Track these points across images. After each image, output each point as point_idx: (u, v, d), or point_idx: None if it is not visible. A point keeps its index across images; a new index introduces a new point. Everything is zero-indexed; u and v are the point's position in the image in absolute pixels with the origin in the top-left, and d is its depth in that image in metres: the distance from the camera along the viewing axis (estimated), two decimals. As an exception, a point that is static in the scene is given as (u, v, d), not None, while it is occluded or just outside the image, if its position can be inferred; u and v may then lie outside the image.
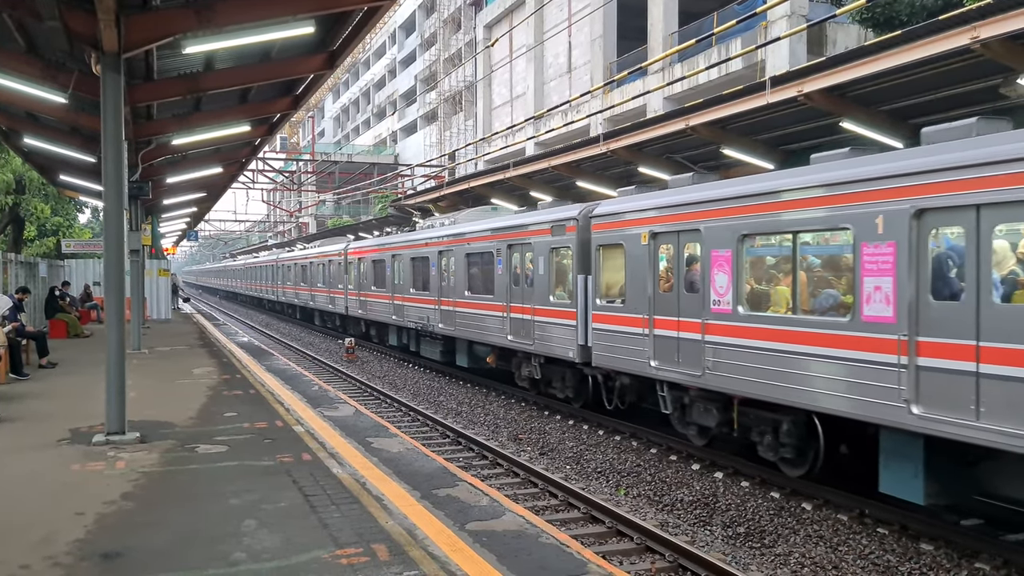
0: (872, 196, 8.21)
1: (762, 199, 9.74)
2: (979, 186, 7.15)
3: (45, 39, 9.87)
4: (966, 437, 7.15)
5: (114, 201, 8.83)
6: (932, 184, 7.62)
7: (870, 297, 8.16)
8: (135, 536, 5.54)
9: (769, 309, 9.84)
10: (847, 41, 22.09)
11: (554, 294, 14.60)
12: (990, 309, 7.02)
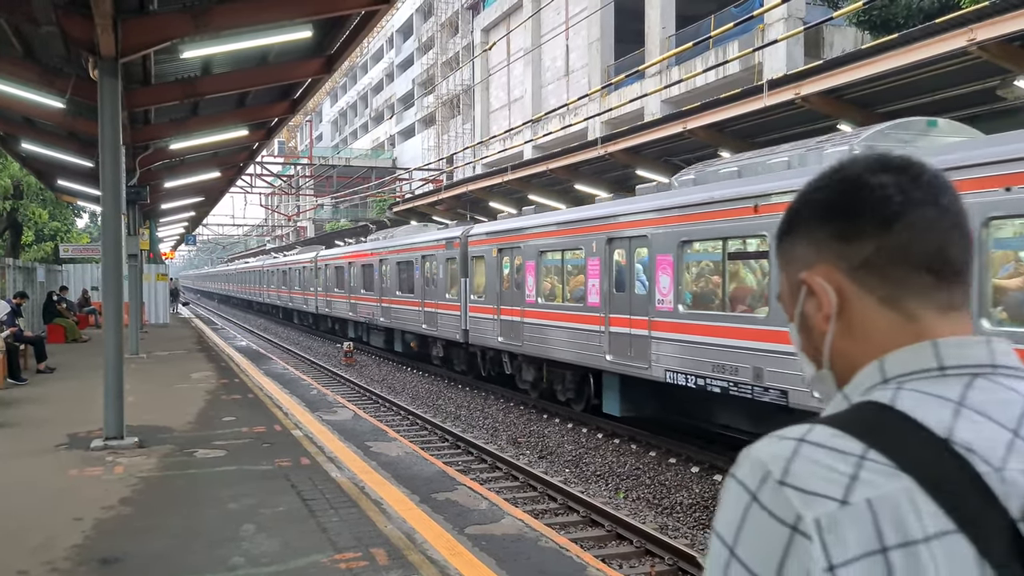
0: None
1: (551, 227, 14.82)
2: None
3: (42, 44, 9.88)
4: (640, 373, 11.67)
5: (112, 206, 8.83)
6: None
7: (590, 291, 13.20)
8: (133, 541, 5.53)
9: (555, 300, 14.59)
10: (844, 44, 22.13)
11: (449, 292, 19.02)
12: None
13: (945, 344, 0.90)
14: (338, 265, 29.54)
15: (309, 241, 49.91)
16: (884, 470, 0.81)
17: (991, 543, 0.78)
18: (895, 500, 0.79)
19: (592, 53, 33.36)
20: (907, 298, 0.93)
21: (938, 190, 0.94)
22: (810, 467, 0.82)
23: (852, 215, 0.94)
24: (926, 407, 0.85)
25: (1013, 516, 0.78)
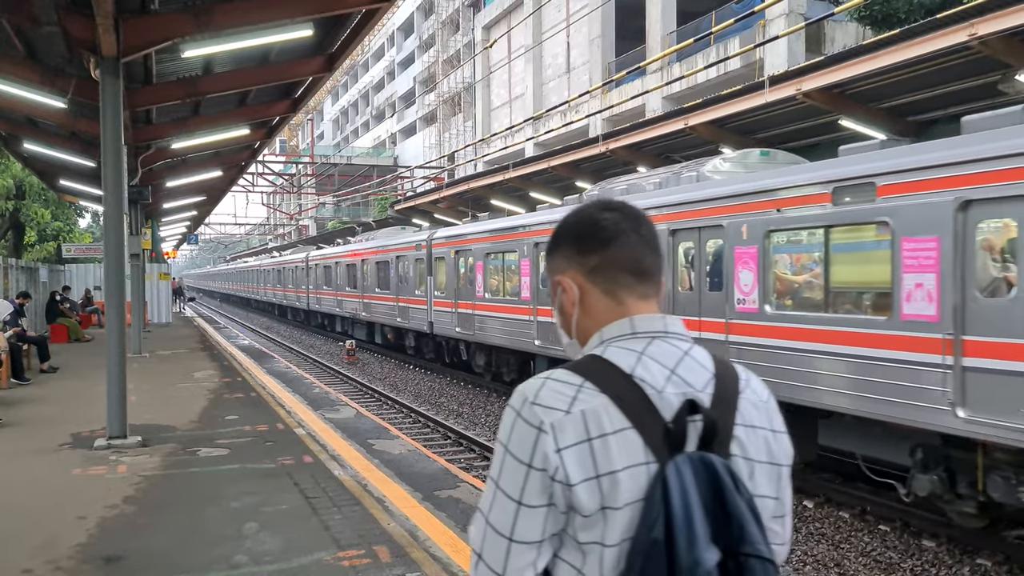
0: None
1: (494, 233, 17.06)
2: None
3: (44, 44, 9.89)
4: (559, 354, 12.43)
5: (114, 206, 8.84)
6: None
7: (523, 287, 15.18)
8: (137, 539, 5.55)
9: (499, 295, 16.64)
10: (845, 39, 22.09)
11: (418, 289, 21.33)
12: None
13: (638, 319, 1.42)
14: (326, 265, 32.22)
15: (301, 242, 53.15)
16: (592, 393, 1.31)
17: (651, 435, 1.29)
18: (596, 410, 1.30)
19: (593, 50, 33.33)
20: (618, 291, 1.45)
21: (639, 222, 1.47)
22: (549, 393, 1.32)
23: (587, 239, 1.45)
24: (621, 356, 1.37)
25: (665, 419, 1.30)
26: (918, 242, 7.53)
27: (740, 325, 9.77)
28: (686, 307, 10.76)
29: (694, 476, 1.25)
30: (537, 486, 1.28)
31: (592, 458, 1.27)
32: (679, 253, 11.14)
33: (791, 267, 9.34)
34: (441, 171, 41.56)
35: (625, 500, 1.26)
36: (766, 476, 1.40)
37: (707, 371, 1.39)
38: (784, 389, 8.78)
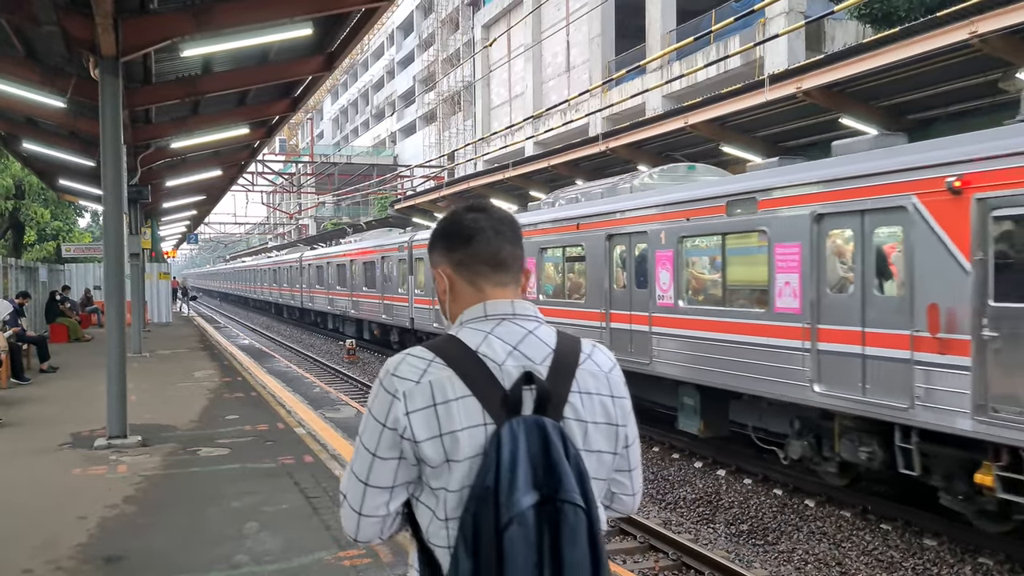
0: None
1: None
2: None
3: (43, 44, 9.88)
4: None
5: (113, 205, 8.83)
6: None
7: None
8: (137, 539, 5.54)
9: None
10: (845, 37, 22.06)
11: (401, 288, 22.73)
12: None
13: (490, 304, 1.67)
14: (318, 265, 33.74)
15: (293, 244, 55.58)
16: (440, 367, 1.57)
17: (490, 401, 1.54)
18: (442, 381, 1.55)
19: (593, 49, 33.30)
20: (478, 280, 1.70)
21: (498, 222, 1.71)
22: (406, 366, 1.59)
23: (453, 237, 1.72)
24: (470, 335, 1.62)
25: (504, 388, 1.55)
26: (786, 247, 9.02)
27: (661, 318, 11.20)
28: (620, 302, 12.18)
29: (526, 435, 1.50)
30: (388, 442, 1.58)
31: (436, 420, 1.55)
32: (614, 256, 12.51)
33: (699, 268, 10.98)
34: (441, 170, 41.55)
35: (465, 455, 1.53)
36: (603, 435, 1.65)
37: (547, 347, 1.64)
38: (696, 373, 10.47)
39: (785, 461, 9.71)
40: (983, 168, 6.97)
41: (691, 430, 10.90)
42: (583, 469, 1.53)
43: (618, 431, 1.68)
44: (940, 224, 7.29)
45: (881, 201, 7.91)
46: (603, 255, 12.54)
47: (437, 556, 1.56)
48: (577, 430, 1.60)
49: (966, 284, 7.01)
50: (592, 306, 12.82)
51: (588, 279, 13.08)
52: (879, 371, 7.87)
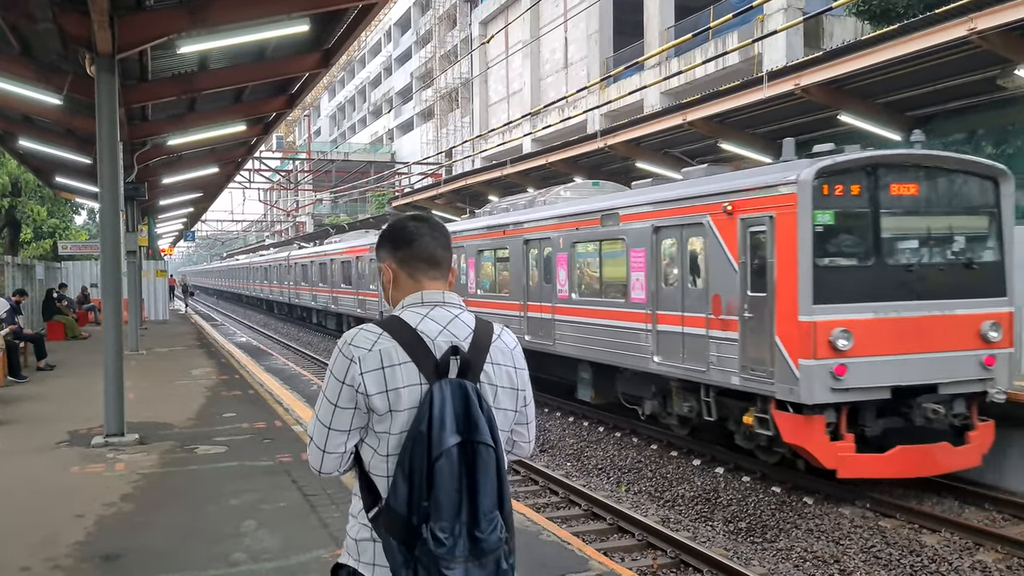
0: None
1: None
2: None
3: (39, 41, 9.84)
4: None
5: (110, 203, 8.81)
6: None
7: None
8: (135, 537, 5.53)
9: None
10: (844, 34, 22.03)
11: (373, 284, 24.83)
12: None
13: (427, 293, 2.15)
14: (303, 263, 36.28)
15: (280, 243, 59.55)
16: (387, 339, 2.02)
17: (424, 366, 1.99)
18: (388, 350, 2.01)
19: (591, 45, 33.25)
20: (417, 274, 2.17)
21: (434, 229, 2.20)
22: (361, 337, 2.04)
23: (398, 240, 2.19)
24: (411, 317, 2.09)
25: (436, 357, 2.00)
26: (637, 252, 11.57)
27: (560, 308, 13.74)
28: (534, 295, 14.65)
29: (451, 393, 1.98)
30: (347, 395, 2.04)
31: (384, 379, 2.01)
32: (530, 257, 14.83)
33: (585, 267, 13.37)
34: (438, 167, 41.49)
35: (405, 406, 2.01)
36: (508, 396, 2.17)
37: (469, 328, 2.13)
38: (586, 352, 13.03)
39: (643, 417, 12.30)
40: (743, 197, 9.53)
41: (586, 398, 13.65)
42: (493, 420, 2.02)
43: (518, 393, 2.22)
44: (722, 236, 9.79)
45: (691, 218, 10.43)
46: (522, 257, 15.09)
47: (376, 483, 2.06)
48: (489, 391, 2.11)
49: (735, 280, 9.55)
50: (514, 299, 15.38)
51: (511, 276, 15.59)
52: (691, 344, 10.40)
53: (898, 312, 8.87)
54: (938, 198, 9.42)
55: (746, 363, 9.34)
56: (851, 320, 8.64)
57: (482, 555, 1.97)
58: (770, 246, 9.04)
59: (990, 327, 9.14)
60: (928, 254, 9.36)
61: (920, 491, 9.26)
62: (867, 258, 9.06)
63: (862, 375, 8.62)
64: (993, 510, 8.89)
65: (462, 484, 1.95)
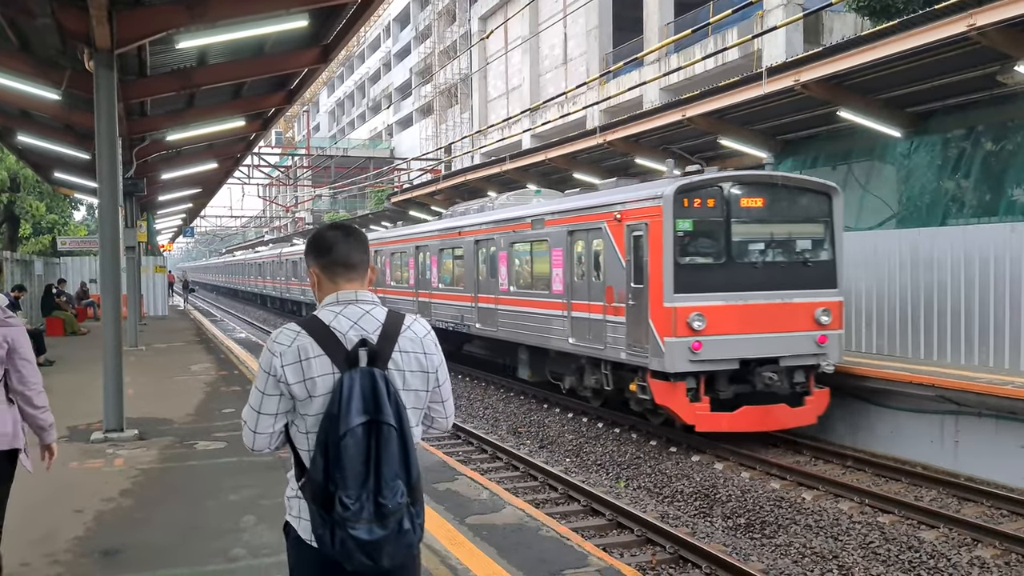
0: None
1: (397, 238, 23.84)
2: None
3: (38, 36, 9.82)
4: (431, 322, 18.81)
5: (109, 198, 8.80)
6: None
7: (410, 277, 21.81)
8: (134, 533, 5.53)
9: (400, 283, 22.85)
10: (844, 30, 22.01)
11: None
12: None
13: (341, 293, 2.44)
14: (293, 260, 38.43)
15: (266, 241, 63.96)
16: (304, 335, 2.35)
17: (336, 358, 2.32)
18: (305, 345, 2.33)
19: (590, 41, 33.21)
20: (335, 277, 2.45)
21: (349, 237, 2.48)
22: (282, 335, 2.38)
23: (319, 248, 2.47)
24: (326, 315, 2.40)
25: (347, 349, 2.31)
26: (557, 251, 13.72)
27: (503, 299, 15.90)
28: (484, 288, 16.84)
29: (359, 380, 2.28)
30: (272, 385, 2.38)
31: (301, 370, 2.34)
32: (479, 255, 17.07)
33: (520, 264, 15.65)
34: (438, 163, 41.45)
35: (320, 392, 2.33)
36: (418, 379, 2.47)
37: (378, 322, 2.44)
38: (523, 337, 15.15)
39: (564, 391, 14.44)
40: (628, 207, 11.72)
41: (524, 377, 15.96)
42: (399, 402, 2.32)
43: (429, 376, 2.51)
44: (614, 239, 11.95)
45: (594, 224, 12.57)
46: (473, 255, 17.28)
47: (302, 456, 2.41)
48: (397, 377, 2.40)
49: (623, 274, 11.75)
50: (468, 291, 17.58)
51: (465, 272, 17.82)
52: (594, 328, 12.51)
53: (745, 300, 11.00)
54: (781, 210, 11.44)
55: (630, 341, 11.51)
56: (705, 306, 10.81)
57: (384, 517, 2.27)
58: (646, 247, 11.18)
59: (822, 313, 11.22)
60: (772, 254, 11.45)
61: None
62: (720, 257, 11.15)
63: (714, 350, 10.81)
64: (992, 506, 8.91)
65: (368, 457, 2.26)
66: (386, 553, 2.29)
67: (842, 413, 11.92)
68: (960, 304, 12.08)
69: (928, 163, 13.62)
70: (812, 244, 11.60)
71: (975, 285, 11.92)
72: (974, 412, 10.39)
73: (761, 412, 10.92)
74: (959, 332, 12.06)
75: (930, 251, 12.56)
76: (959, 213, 13.12)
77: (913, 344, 12.85)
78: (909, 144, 13.90)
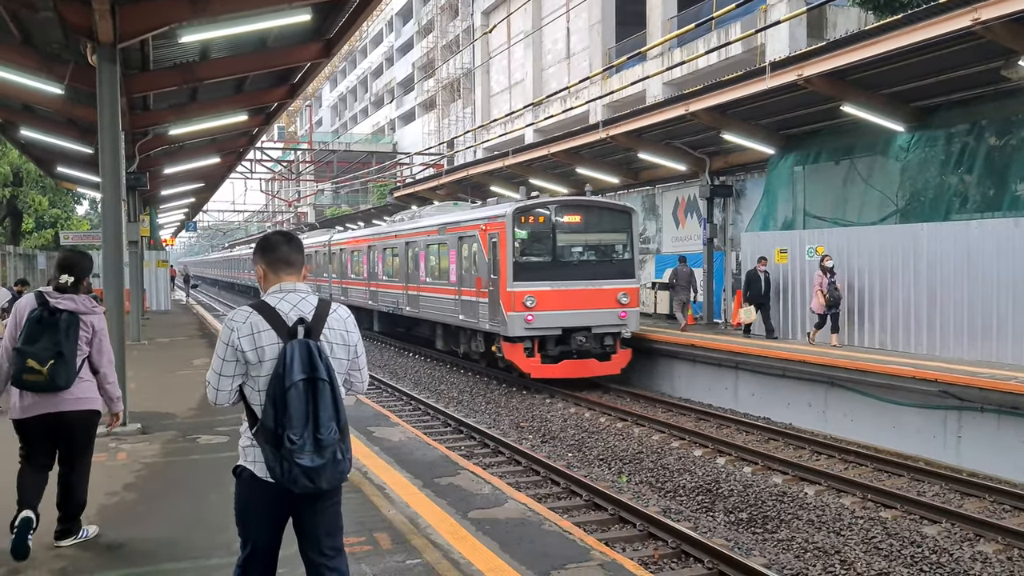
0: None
1: (354, 238, 28.99)
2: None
3: (41, 30, 9.81)
4: (382, 308, 24.43)
5: (112, 192, 8.80)
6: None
7: (364, 272, 26.87)
8: (138, 526, 5.55)
9: (357, 276, 27.72)
10: (847, 24, 21.95)
11: (326, 273, 31.75)
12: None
13: (283, 283, 3.26)
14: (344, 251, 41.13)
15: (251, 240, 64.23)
16: (255, 314, 3.15)
17: (281, 332, 3.11)
18: (255, 321, 3.13)
19: (593, 35, 33.14)
20: (278, 272, 3.28)
21: (290, 241, 3.36)
22: (239, 314, 3.18)
23: (266, 248, 3.32)
24: (271, 299, 3.21)
25: (288, 326, 3.11)
26: (453, 251, 18.00)
27: (422, 287, 20.43)
28: (412, 279, 21.17)
29: (298, 348, 3.01)
30: (230, 352, 3.10)
31: (253, 340, 3.07)
32: (408, 254, 21.59)
33: (432, 260, 19.90)
34: (440, 158, 41.43)
35: (269, 358, 3.06)
36: (342, 350, 3.26)
37: (312, 306, 3.19)
38: (436, 314, 19.47)
39: (460, 355, 18.97)
40: (489, 221, 16.21)
41: (439, 347, 20.22)
42: (329, 364, 3.09)
43: (350, 348, 3.33)
44: (482, 243, 16.31)
45: (471, 232, 17.00)
46: (404, 253, 21.96)
47: (255, 409, 3.12)
48: (326, 346, 3.16)
49: (487, 268, 16.09)
50: (401, 282, 22.15)
51: (400, 266, 22.37)
52: (473, 307, 16.85)
53: (565, 287, 15.62)
54: (592, 223, 16.34)
55: (491, 316, 16.01)
56: (536, 290, 15.35)
57: (322, 449, 3.00)
58: (499, 250, 15.61)
59: (623, 296, 15.85)
60: (586, 254, 16.28)
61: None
62: (547, 256, 15.93)
63: (542, 321, 15.34)
64: (994, 501, 8.91)
65: (308, 405, 3.00)
66: (324, 478, 3.03)
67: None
68: (963, 299, 12.08)
69: (931, 158, 13.59)
70: (615, 247, 16.41)
71: (978, 280, 11.91)
72: (976, 407, 10.40)
73: (578, 365, 15.55)
74: (962, 327, 12.07)
75: (933, 246, 12.56)
76: (962, 208, 13.08)
77: (916, 339, 12.85)
78: (912, 139, 13.86)
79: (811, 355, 12.99)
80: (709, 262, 18.89)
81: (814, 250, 14.86)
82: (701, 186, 18.76)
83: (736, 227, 19.02)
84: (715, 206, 19.01)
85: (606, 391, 15.86)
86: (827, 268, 13.72)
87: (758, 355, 13.84)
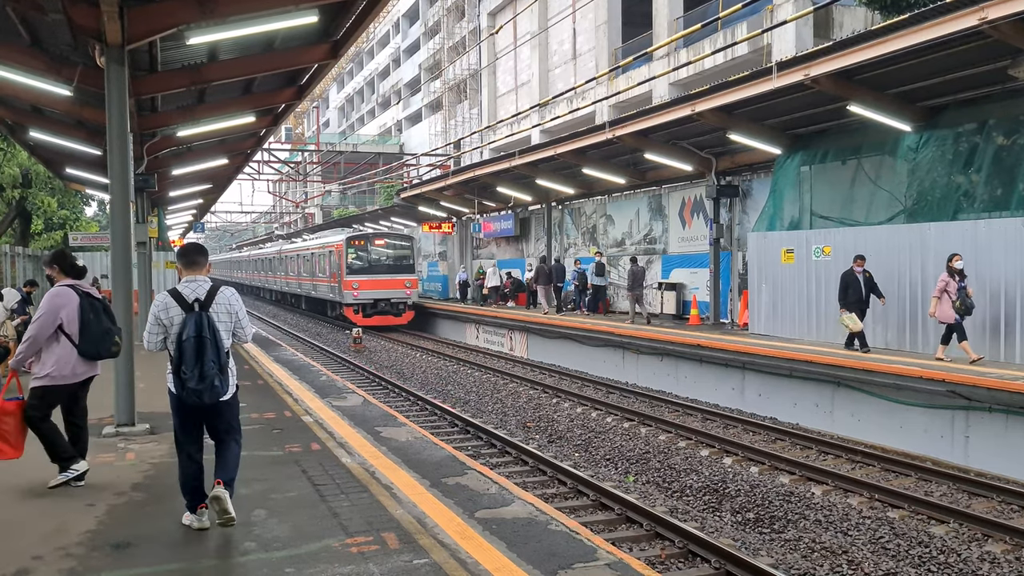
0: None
1: (300, 249, 42.68)
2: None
3: (49, 32, 9.86)
4: (315, 295, 38.20)
5: (120, 194, 8.84)
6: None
7: (317, 275, 39.26)
8: (146, 526, 5.58)
9: (304, 277, 41.88)
10: (854, 24, 21.88)
11: (319, 272, 37.03)
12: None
13: (188, 276, 5.47)
14: (290, 256, 46.29)
15: (264, 239, 71.58)
16: (168, 297, 5.34)
17: (184, 307, 5.29)
18: (169, 301, 5.33)
19: (599, 36, 33.11)
20: (188, 269, 5.48)
21: (200, 249, 5.63)
22: (161, 298, 5.38)
23: (182, 254, 5.59)
24: (181, 287, 5.40)
25: (189, 303, 5.30)
26: (325, 260, 33.62)
27: (303, 279, 38.32)
28: (306, 274, 37.21)
29: (194, 318, 5.20)
30: (152, 319, 5.28)
31: (168, 312, 5.26)
32: (300, 262, 39.07)
33: (310, 265, 36.93)
34: (447, 158, 41.46)
35: (176, 324, 5.24)
36: (226, 316, 5.39)
37: (206, 289, 5.34)
38: (318, 294, 35.44)
39: (330, 315, 34.29)
40: (335, 243, 32.00)
41: (304, 307, 40.48)
42: (215, 327, 5.21)
43: (232, 315, 5.41)
44: (335, 255, 31.42)
45: (330, 250, 32.31)
46: (298, 261, 39.11)
47: (171, 354, 5.25)
48: (215, 316, 5.26)
49: (337, 269, 30.93)
50: (300, 277, 38.11)
51: (301, 268, 38.25)
52: (333, 288, 31.71)
53: (376, 278, 29.96)
54: (391, 244, 31.38)
55: (340, 293, 29.94)
56: (359, 280, 29.75)
57: (204, 378, 5.11)
58: (340, 260, 30.28)
59: (407, 283, 30.28)
60: (387, 261, 30.71)
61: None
62: (365, 262, 30.31)
63: (363, 295, 29.62)
64: (1002, 501, 8.89)
65: (197, 352, 5.11)
66: (206, 395, 5.14)
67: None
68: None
69: (939, 158, 13.54)
70: (405, 257, 30.96)
71: (986, 280, 11.87)
72: (984, 407, 10.38)
73: (383, 319, 29.67)
74: (971, 327, 12.04)
75: (941, 246, 12.52)
76: (970, 208, 13.04)
77: (923, 339, 12.83)
78: (920, 139, 13.82)
79: (817, 355, 12.97)
80: (715, 262, 18.86)
81: (821, 250, 14.83)
82: (707, 186, 18.74)
83: (743, 227, 18.98)
84: (721, 206, 18.98)
85: (611, 391, 15.69)
86: (956, 270, 11.70)
87: (764, 355, 13.81)
